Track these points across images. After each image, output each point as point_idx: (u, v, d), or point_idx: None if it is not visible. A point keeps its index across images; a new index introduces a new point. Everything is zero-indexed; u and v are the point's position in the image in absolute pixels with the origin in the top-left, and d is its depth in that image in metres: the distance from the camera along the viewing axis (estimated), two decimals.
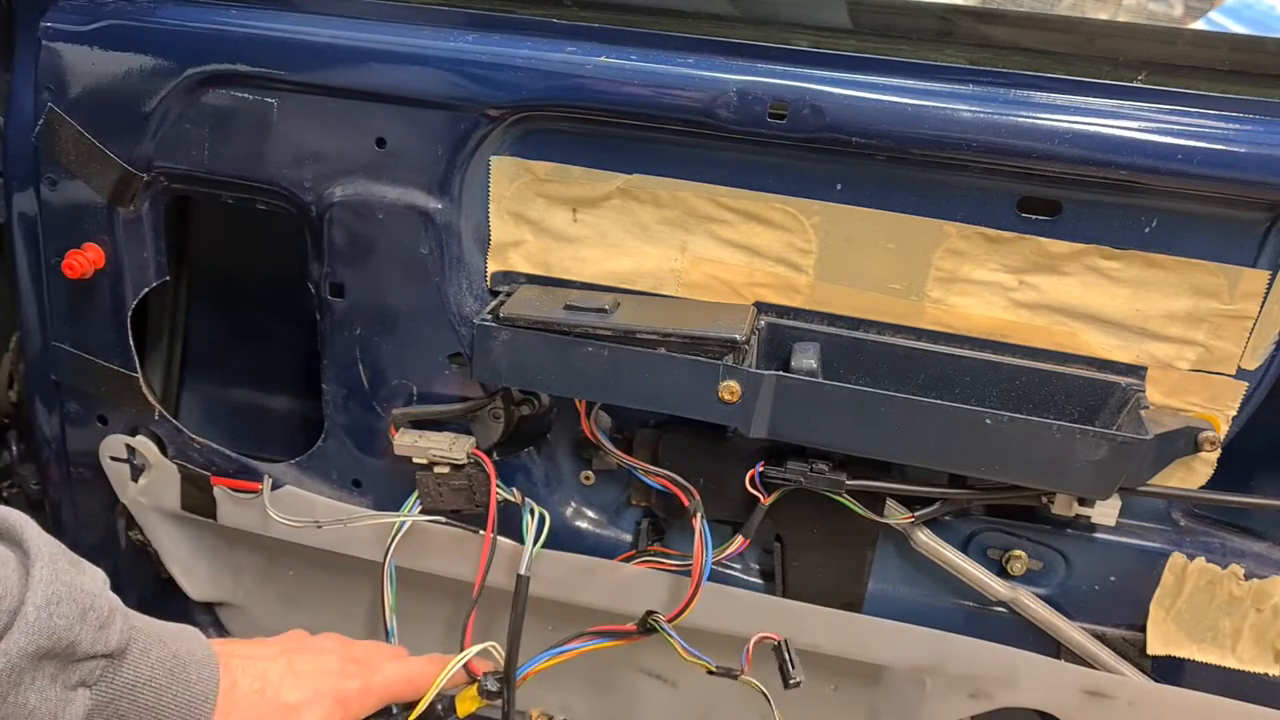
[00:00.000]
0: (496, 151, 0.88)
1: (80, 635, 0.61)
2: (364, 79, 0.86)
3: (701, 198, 0.86)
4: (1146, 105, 0.77)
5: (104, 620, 0.63)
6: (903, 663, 0.94)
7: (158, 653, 0.67)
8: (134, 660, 0.65)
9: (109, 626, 0.63)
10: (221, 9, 0.89)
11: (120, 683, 0.64)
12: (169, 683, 0.67)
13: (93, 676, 0.63)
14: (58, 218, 0.97)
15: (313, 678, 0.78)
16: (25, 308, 1.03)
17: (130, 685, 0.65)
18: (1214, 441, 0.83)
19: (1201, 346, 0.82)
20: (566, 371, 0.85)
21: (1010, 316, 0.84)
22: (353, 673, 0.82)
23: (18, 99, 0.96)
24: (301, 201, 0.91)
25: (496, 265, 0.92)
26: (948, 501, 0.89)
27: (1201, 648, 0.90)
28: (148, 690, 0.66)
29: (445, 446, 0.93)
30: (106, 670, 0.64)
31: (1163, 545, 0.90)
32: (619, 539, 1.01)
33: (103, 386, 1.02)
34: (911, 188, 0.82)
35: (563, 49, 0.84)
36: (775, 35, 0.84)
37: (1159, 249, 0.80)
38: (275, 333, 1.15)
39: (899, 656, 0.94)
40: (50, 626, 0.59)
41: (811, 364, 0.84)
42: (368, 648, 0.87)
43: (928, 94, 0.78)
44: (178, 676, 0.68)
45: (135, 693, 0.65)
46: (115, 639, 0.63)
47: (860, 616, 0.94)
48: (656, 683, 1.07)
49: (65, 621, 0.60)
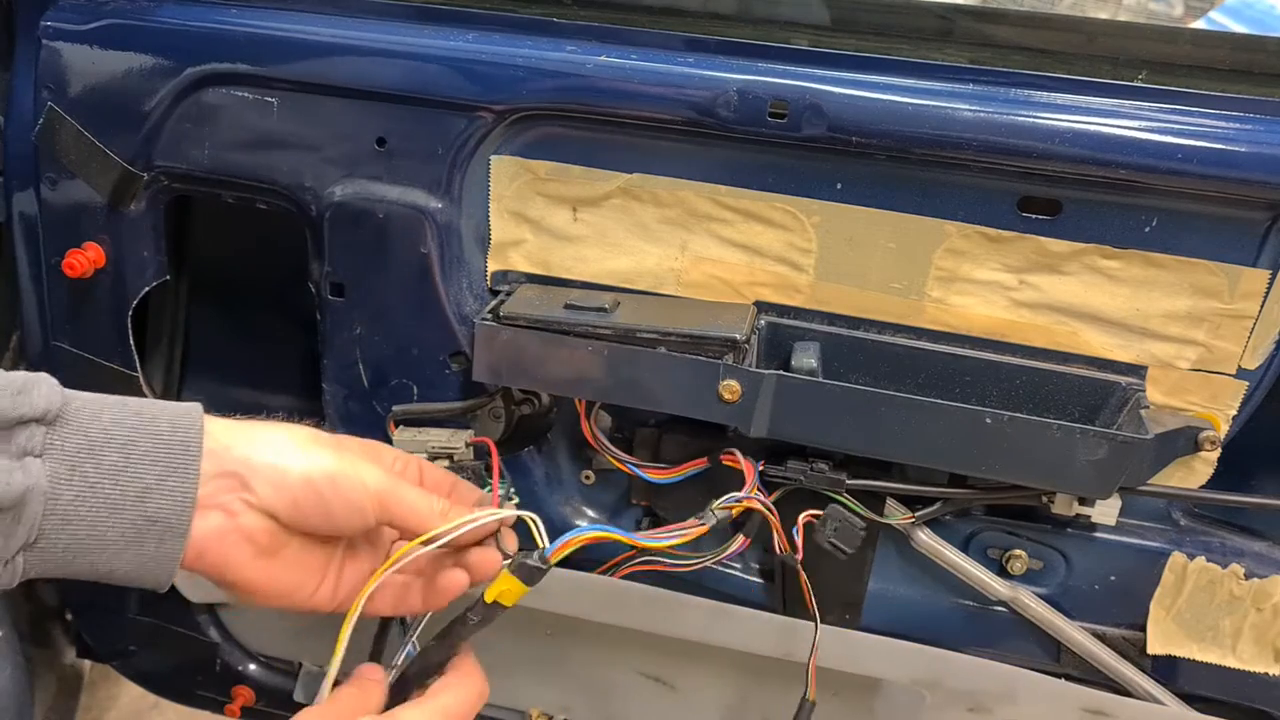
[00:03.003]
0: (497, 151, 0.88)
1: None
2: (364, 78, 0.86)
3: (702, 197, 0.86)
4: (1147, 105, 0.77)
5: (20, 387, 0.59)
6: (901, 677, 0.94)
7: (114, 415, 0.63)
8: (82, 424, 0.61)
9: (29, 391, 0.59)
10: (221, 8, 0.89)
11: (73, 447, 0.60)
12: (135, 438, 0.62)
13: (34, 444, 0.59)
14: (58, 217, 0.97)
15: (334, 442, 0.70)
16: (25, 307, 1.02)
17: (86, 449, 0.61)
18: (1214, 441, 0.83)
19: (1202, 346, 0.82)
20: (566, 371, 0.85)
21: (1010, 316, 0.84)
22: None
23: (18, 98, 0.96)
24: (301, 201, 0.91)
25: (496, 264, 0.92)
26: (948, 501, 0.89)
27: (1202, 647, 0.90)
28: (109, 451, 0.61)
29: (444, 439, 0.93)
30: (51, 437, 0.60)
31: (1163, 545, 0.89)
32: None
33: (103, 386, 1.01)
34: (912, 187, 0.82)
35: (563, 48, 0.84)
36: (775, 35, 0.84)
37: (1159, 248, 0.80)
38: (275, 332, 1.15)
39: (897, 672, 0.94)
40: None
41: (812, 363, 0.84)
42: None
43: (928, 93, 0.78)
44: (144, 430, 0.62)
45: (95, 455, 0.61)
46: (42, 402, 0.60)
47: (857, 633, 0.94)
48: (656, 685, 1.07)
49: None
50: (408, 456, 0.77)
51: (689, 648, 0.97)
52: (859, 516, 0.88)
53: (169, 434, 0.63)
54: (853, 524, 0.88)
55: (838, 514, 0.88)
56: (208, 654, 1.15)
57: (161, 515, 0.62)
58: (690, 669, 1.03)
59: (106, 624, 1.18)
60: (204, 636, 1.14)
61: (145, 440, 0.62)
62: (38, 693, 1.19)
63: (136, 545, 0.62)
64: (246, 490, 0.65)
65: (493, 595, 0.69)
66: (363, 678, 0.70)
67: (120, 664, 1.21)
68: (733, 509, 0.74)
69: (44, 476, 0.59)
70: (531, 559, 0.69)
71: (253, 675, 1.16)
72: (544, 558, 0.69)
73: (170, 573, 0.64)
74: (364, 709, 0.67)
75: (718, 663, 1.00)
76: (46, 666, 1.23)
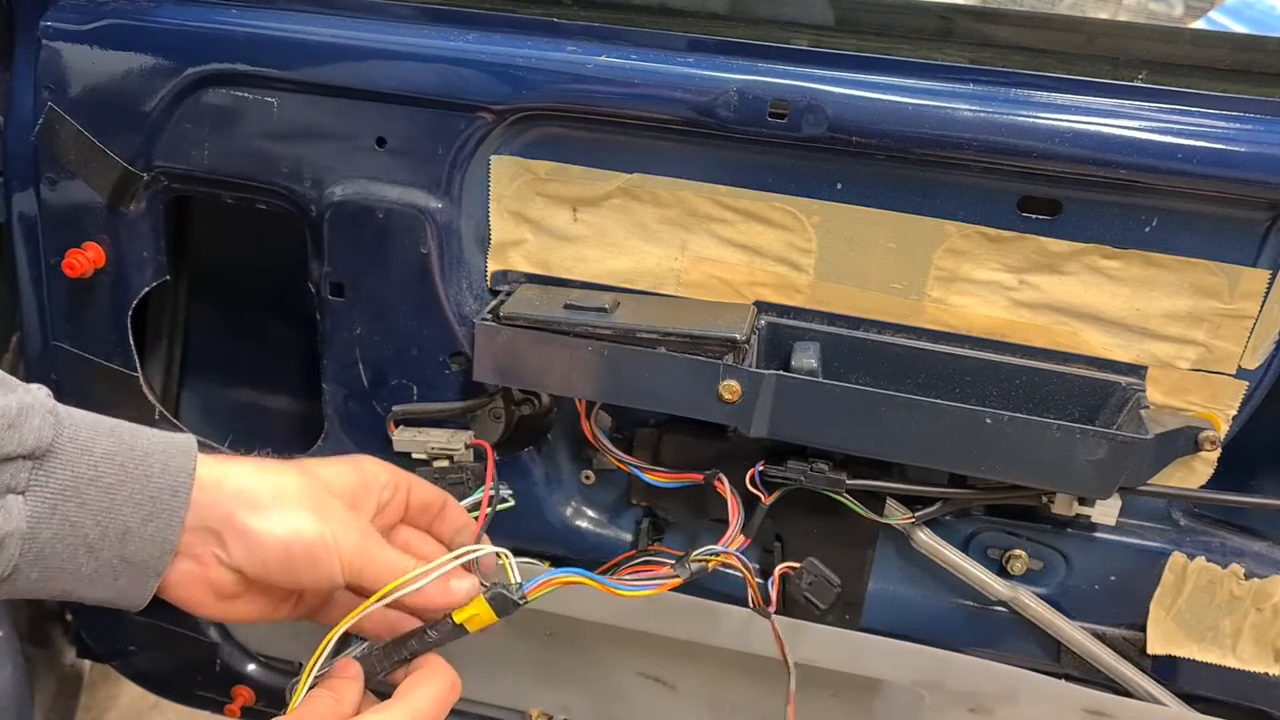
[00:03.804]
0: (497, 151, 0.88)
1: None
2: (364, 78, 0.86)
3: (702, 197, 0.86)
4: (1147, 105, 0.77)
5: (12, 420, 0.57)
6: (900, 678, 0.94)
7: (106, 447, 0.61)
8: (70, 459, 0.59)
9: (20, 425, 0.57)
10: (222, 8, 0.89)
11: (57, 485, 0.59)
12: (123, 478, 0.60)
13: (19, 481, 0.58)
14: (58, 217, 0.96)
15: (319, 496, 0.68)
16: (25, 307, 1.02)
17: (71, 486, 0.59)
18: (1214, 441, 0.83)
19: (1202, 346, 0.82)
20: (566, 371, 0.85)
21: (1010, 316, 0.84)
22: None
23: (18, 98, 0.96)
24: (301, 201, 0.91)
25: (496, 265, 0.92)
26: (948, 501, 0.89)
27: (1202, 647, 0.90)
28: (95, 490, 0.60)
29: (444, 440, 0.93)
30: (37, 473, 0.58)
31: (1163, 545, 0.89)
32: (619, 538, 1.01)
33: (103, 386, 1.02)
34: (912, 187, 0.82)
35: (563, 49, 0.84)
36: (775, 35, 0.84)
37: (1159, 248, 0.80)
38: (275, 333, 1.15)
39: (897, 672, 0.94)
40: None
41: (812, 363, 0.84)
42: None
43: (928, 93, 0.78)
44: (133, 471, 0.61)
45: (80, 494, 0.59)
46: (31, 438, 0.58)
47: (857, 634, 0.94)
48: (656, 685, 1.07)
49: None
50: (398, 480, 0.76)
51: (689, 648, 0.97)
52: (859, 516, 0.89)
53: (159, 476, 0.62)
54: (828, 579, 0.89)
55: (814, 568, 0.89)
56: (208, 654, 1.15)
57: (139, 558, 0.62)
58: (690, 669, 1.03)
59: (106, 624, 1.18)
60: (204, 636, 1.14)
61: (134, 481, 0.62)
62: (38, 693, 1.19)
63: (110, 580, 0.63)
64: (221, 548, 0.65)
65: (461, 618, 0.69)
66: (337, 677, 0.69)
67: (120, 664, 1.21)
68: (709, 562, 0.74)
69: (24, 518, 0.58)
70: (511, 592, 0.69)
71: (252, 675, 1.16)
72: (523, 594, 0.69)
73: (142, 602, 0.65)
74: (337, 714, 0.65)
75: (717, 663, 1.00)
76: (46, 666, 1.23)
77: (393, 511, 0.76)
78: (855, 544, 0.93)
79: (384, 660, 0.70)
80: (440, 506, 0.79)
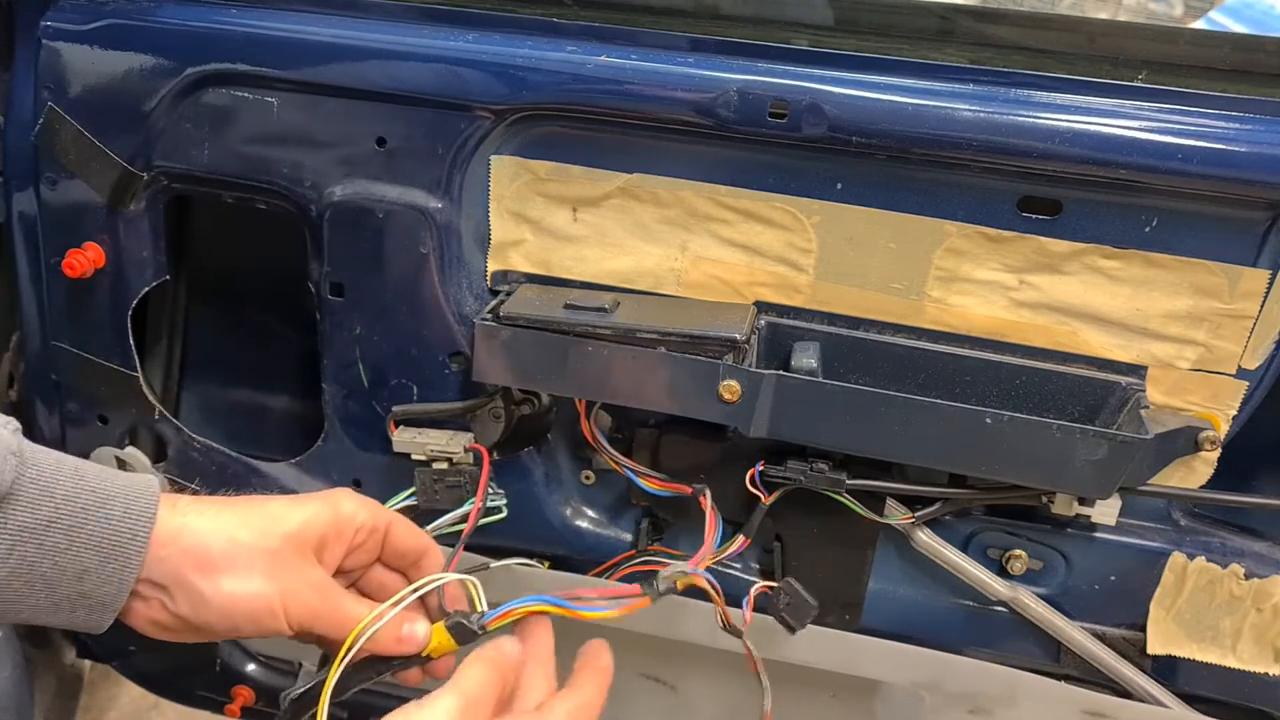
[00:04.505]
0: (496, 151, 0.88)
1: None
2: (364, 78, 0.86)
3: (702, 197, 0.86)
4: (1147, 104, 0.77)
5: None
6: (900, 679, 0.94)
7: (68, 489, 0.61)
8: (31, 501, 0.59)
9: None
10: (221, 8, 0.89)
11: (16, 526, 0.59)
12: (84, 520, 0.61)
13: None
14: (58, 217, 0.97)
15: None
16: (25, 307, 1.02)
17: (30, 529, 0.59)
18: (1214, 441, 0.83)
19: (1202, 346, 0.82)
20: (566, 371, 0.85)
21: (1010, 316, 0.84)
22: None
23: (18, 98, 0.96)
24: (301, 201, 0.91)
25: (496, 264, 0.92)
26: (948, 501, 0.89)
27: (1202, 647, 0.90)
28: (55, 532, 0.60)
29: (443, 442, 0.93)
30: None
31: (1163, 545, 0.89)
32: (619, 539, 1.01)
33: (103, 386, 1.02)
34: (912, 187, 0.82)
35: (563, 49, 0.84)
36: (775, 35, 0.84)
37: (1159, 248, 0.80)
38: (275, 333, 1.15)
39: (896, 674, 0.93)
40: None
41: (812, 363, 0.84)
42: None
43: (928, 93, 0.78)
44: (95, 513, 0.61)
45: (40, 536, 0.59)
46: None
47: (856, 635, 0.94)
48: (656, 686, 1.07)
49: None
50: (376, 521, 0.75)
51: (689, 649, 0.97)
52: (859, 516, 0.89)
53: (119, 519, 0.63)
54: (805, 600, 0.89)
55: (790, 589, 0.89)
56: (208, 654, 1.15)
57: (96, 596, 0.63)
58: (690, 670, 1.03)
59: None
60: None
61: (94, 524, 0.62)
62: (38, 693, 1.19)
63: (68, 612, 0.64)
64: (169, 598, 0.66)
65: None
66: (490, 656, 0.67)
67: (120, 664, 1.20)
68: (678, 583, 0.75)
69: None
70: (470, 621, 0.70)
71: (252, 675, 1.16)
72: (482, 624, 0.70)
73: (100, 630, 0.66)
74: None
75: (717, 663, 1.00)
76: (46, 666, 1.23)
77: (366, 552, 0.76)
78: (855, 544, 0.93)
79: (356, 676, 0.70)
80: (420, 554, 0.78)
